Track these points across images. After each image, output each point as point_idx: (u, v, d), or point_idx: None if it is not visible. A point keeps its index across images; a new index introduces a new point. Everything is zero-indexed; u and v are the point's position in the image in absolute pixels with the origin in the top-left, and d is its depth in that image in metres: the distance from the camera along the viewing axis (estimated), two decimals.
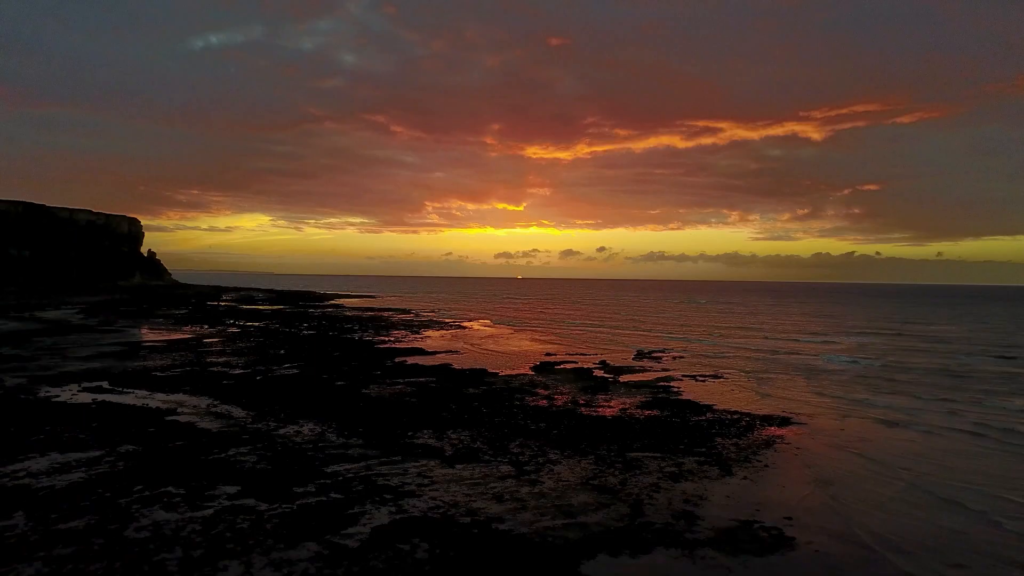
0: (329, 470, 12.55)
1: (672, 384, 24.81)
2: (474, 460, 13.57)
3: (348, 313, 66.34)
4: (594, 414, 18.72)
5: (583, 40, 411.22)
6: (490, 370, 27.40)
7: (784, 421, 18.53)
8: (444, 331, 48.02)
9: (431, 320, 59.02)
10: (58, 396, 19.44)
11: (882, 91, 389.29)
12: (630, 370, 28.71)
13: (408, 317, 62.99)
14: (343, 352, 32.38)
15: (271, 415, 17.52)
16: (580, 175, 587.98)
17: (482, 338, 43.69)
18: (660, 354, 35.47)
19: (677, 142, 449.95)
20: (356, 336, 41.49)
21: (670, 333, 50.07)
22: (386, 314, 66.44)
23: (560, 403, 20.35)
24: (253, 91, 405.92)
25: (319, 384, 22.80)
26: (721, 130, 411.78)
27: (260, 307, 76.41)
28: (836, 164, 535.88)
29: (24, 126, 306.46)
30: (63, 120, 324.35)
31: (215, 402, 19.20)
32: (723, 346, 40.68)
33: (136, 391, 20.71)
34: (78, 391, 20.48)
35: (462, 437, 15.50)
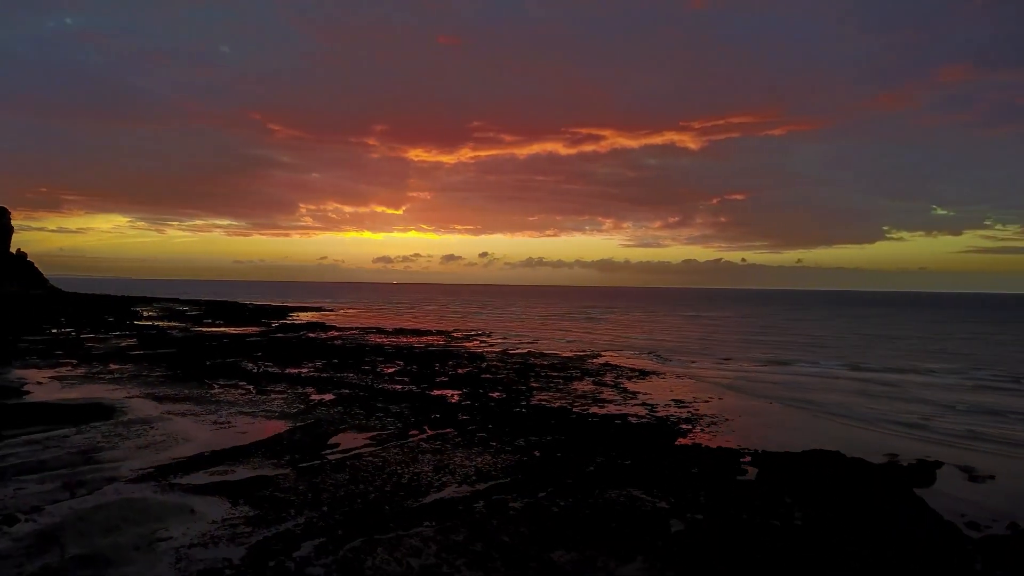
0: None
1: None
2: None
3: (380, 340, 44.87)
4: None
5: (474, 40, 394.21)
6: None
7: None
8: (654, 380, 28.37)
9: (558, 355, 37.64)
10: None
11: (758, 104, 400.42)
12: None
13: (487, 347, 42.85)
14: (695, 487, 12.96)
15: None
16: (461, 180, 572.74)
17: (739, 405, 25.22)
18: None
19: (560, 149, 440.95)
20: (566, 406, 21.55)
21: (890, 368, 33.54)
22: (442, 340, 45.78)
23: None
24: (115, 80, 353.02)
25: None
26: (604, 138, 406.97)
27: (225, 328, 52.96)
28: (708, 174, 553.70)
29: None
30: None
31: None
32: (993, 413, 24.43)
33: None
34: None
35: None
